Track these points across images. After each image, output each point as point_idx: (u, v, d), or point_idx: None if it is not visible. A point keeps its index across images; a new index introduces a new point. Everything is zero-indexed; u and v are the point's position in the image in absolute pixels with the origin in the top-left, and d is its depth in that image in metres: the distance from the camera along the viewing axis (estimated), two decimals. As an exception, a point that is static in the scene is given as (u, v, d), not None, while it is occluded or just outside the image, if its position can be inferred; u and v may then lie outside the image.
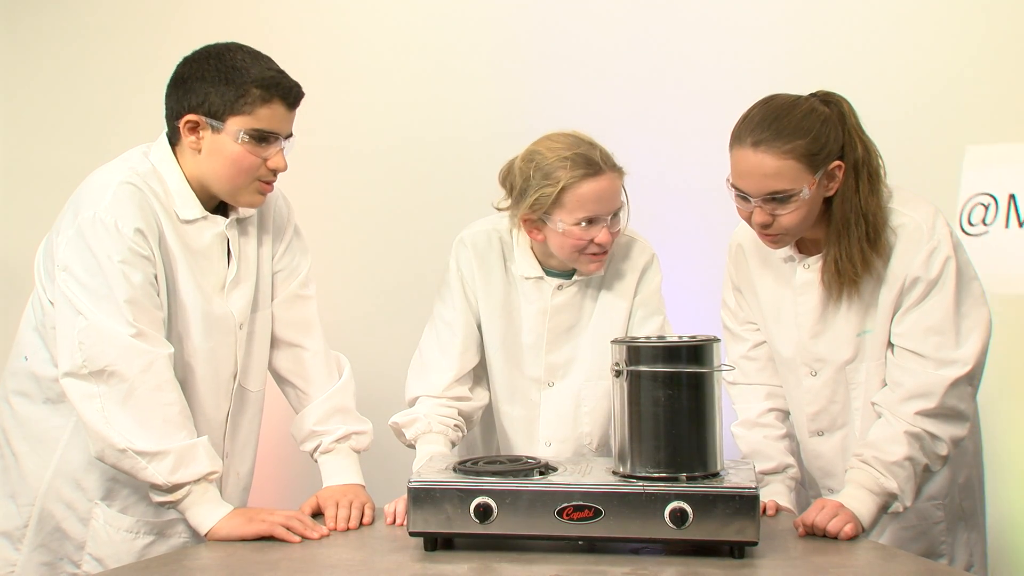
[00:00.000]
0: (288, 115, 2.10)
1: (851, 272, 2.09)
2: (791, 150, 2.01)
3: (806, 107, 2.05)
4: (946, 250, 2.07)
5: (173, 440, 1.96)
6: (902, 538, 2.22)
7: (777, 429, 2.29)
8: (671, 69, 3.31)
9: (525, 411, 2.37)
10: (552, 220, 2.21)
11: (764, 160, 2.02)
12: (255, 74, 2.04)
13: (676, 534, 1.80)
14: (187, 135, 2.07)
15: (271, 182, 2.13)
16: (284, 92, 2.07)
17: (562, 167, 2.18)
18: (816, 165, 2.03)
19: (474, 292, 2.35)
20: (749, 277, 2.30)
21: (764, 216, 2.06)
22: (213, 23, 3.49)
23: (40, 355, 2.11)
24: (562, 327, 2.34)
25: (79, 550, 2.12)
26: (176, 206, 2.08)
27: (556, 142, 2.22)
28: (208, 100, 2.04)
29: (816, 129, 2.03)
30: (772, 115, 2.04)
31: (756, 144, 2.02)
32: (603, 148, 2.23)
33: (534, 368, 2.36)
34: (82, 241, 1.99)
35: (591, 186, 2.19)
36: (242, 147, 2.05)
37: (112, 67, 3.52)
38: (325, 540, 2.00)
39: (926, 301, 2.08)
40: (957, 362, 2.06)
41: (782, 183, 2.02)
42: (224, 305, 2.14)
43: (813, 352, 2.20)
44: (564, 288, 2.33)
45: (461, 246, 2.37)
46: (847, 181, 2.07)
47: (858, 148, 2.07)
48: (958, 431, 2.08)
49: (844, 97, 2.11)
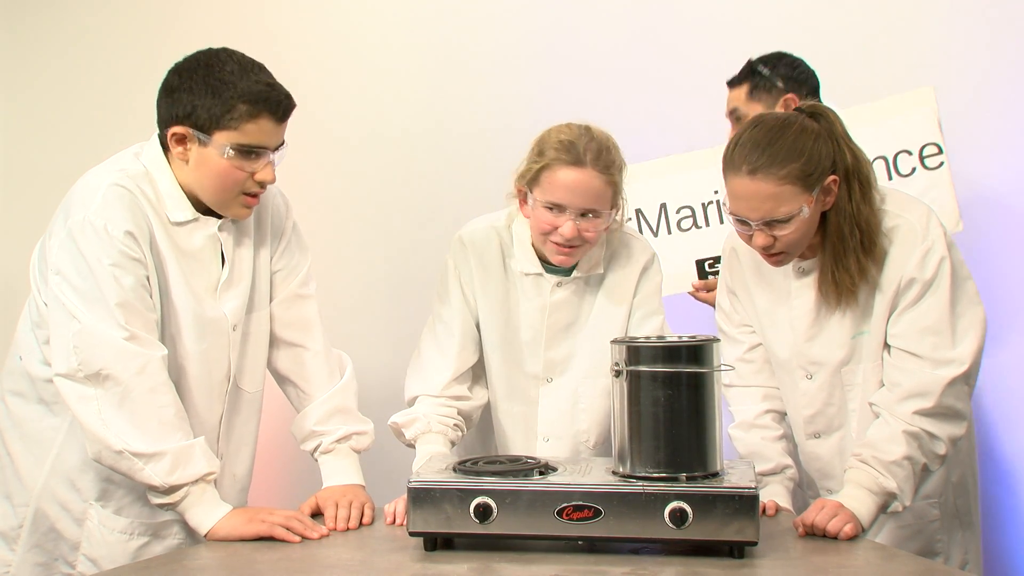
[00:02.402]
0: (277, 128, 2.07)
1: (848, 283, 2.10)
2: (787, 175, 2.01)
3: (796, 127, 2.05)
4: (940, 250, 2.08)
5: (169, 441, 1.96)
6: (899, 537, 2.23)
7: (774, 430, 2.29)
8: (674, 66, 3.32)
9: (524, 408, 2.37)
10: (531, 196, 2.23)
11: (761, 187, 2.02)
12: (243, 88, 2.01)
13: (676, 534, 1.80)
14: (175, 146, 2.06)
15: (257, 195, 2.11)
16: (272, 107, 2.04)
17: (553, 148, 2.20)
18: (812, 184, 2.03)
19: (472, 290, 2.35)
20: (744, 280, 2.30)
21: (765, 239, 2.07)
22: (214, 22, 3.49)
23: (34, 355, 2.11)
24: (561, 324, 2.34)
25: (74, 551, 2.11)
26: (167, 208, 2.07)
27: (568, 127, 2.25)
28: (195, 113, 2.01)
29: (810, 149, 2.03)
30: (765, 140, 2.03)
31: (752, 172, 2.02)
32: (607, 149, 2.22)
33: (533, 364, 2.36)
34: (73, 244, 1.98)
35: (566, 174, 2.19)
36: (228, 161, 2.03)
37: (112, 68, 3.53)
38: (325, 540, 2.00)
39: (922, 302, 2.09)
40: (954, 362, 2.06)
41: (782, 208, 2.03)
42: (217, 307, 2.13)
43: (808, 355, 2.21)
44: (563, 285, 2.33)
45: (459, 244, 2.37)
46: (840, 191, 2.08)
47: (848, 158, 2.08)
48: (956, 430, 2.08)
49: (829, 108, 2.12)
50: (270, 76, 2.07)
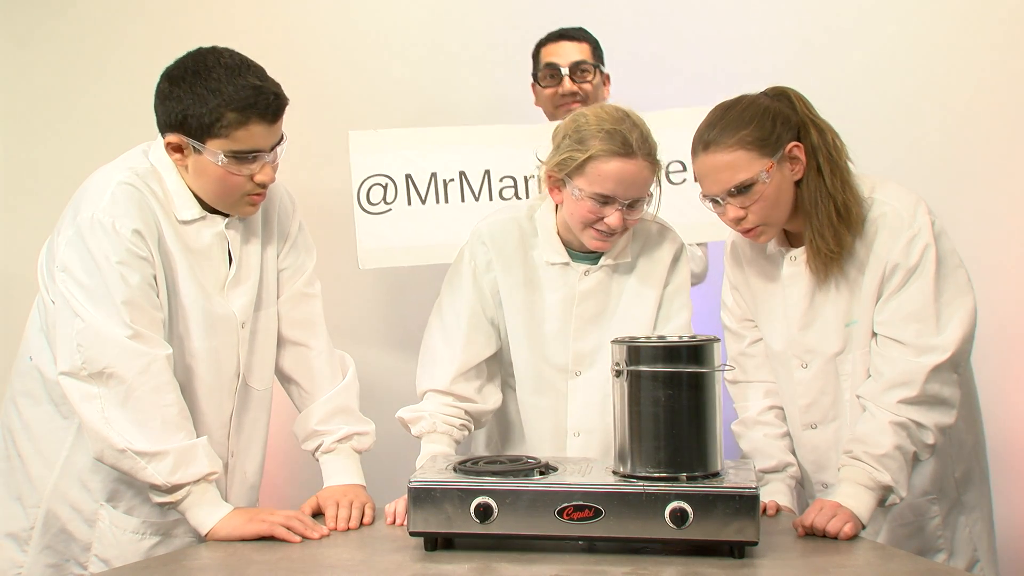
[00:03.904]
0: (269, 130, 2.05)
1: (826, 248, 2.12)
2: (737, 141, 2.07)
3: (746, 101, 2.13)
4: (926, 237, 2.09)
5: (172, 441, 1.97)
6: (898, 535, 2.22)
7: (777, 427, 2.30)
8: (675, 61, 3.32)
9: (552, 401, 2.32)
10: (571, 185, 2.19)
11: (715, 157, 2.09)
12: (229, 94, 1.98)
13: (676, 534, 1.80)
14: (172, 153, 2.06)
15: (261, 193, 2.11)
16: (260, 111, 2.01)
17: (597, 137, 2.16)
18: (768, 149, 2.08)
19: (491, 283, 2.31)
20: (743, 275, 2.32)
21: (736, 211, 2.11)
22: (215, 22, 3.49)
23: (45, 356, 2.12)
24: (589, 314, 2.30)
25: (85, 551, 2.12)
26: (175, 207, 2.08)
27: (605, 112, 2.20)
28: (186, 122, 2.01)
29: (759, 117, 2.09)
30: (716, 116, 2.12)
31: (706, 146, 2.10)
32: (648, 134, 2.20)
33: (560, 357, 2.31)
34: (81, 242, 1.99)
35: (616, 165, 2.16)
36: (224, 168, 2.03)
37: (112, 67, 3.53)
38: (325, 540, 2.00)
39: (905, 288, 2.10)
40: (937, 348, 2.07)
41: (739, 175, 2.08)
42: (225, 304, 2.14)
43: (803, 344, 2.21)
44: (590, 274, 2.29)
45: (476, 237, 2.33)
46: (809, 164, 2.11)
47: (812, 133, 2.12)
48: (944, 418, 2.09)
49: (791, 88, 2.17)
50: (260, 75, 2.04)
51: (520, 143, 2.84)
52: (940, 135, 3.27)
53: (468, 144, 2.93)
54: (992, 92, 3.22)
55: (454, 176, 2.92)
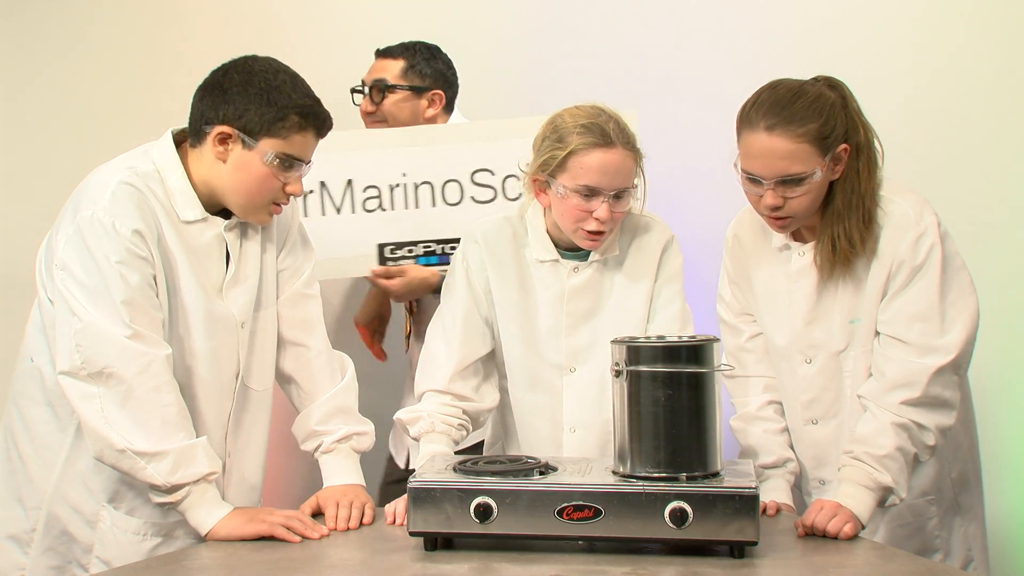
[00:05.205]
0: (314, 144, 2.12)
1: (846, 251, 2.11)
2: (804, 133, 2.04)
3: (815, 92, 2.09)
4: (932, 237, 2.09)
5: (172, 441, 1.96)
6: (897, 535, 2.22)
7: (777, 423, 2.29)
8: (677, 59, 3.32)
9: (548, 398, 2.34)
10: (556, 184, 2.21)
11: (778, 143, 2.05)
12: (296, 100, 2.05)
13: (676, 534, 1.80)
14: (215, 145, 2.06)
15: (282, 205, 2.14)
16: (319, 123, 2.09)
17: (575, 132, 2.18)
18: (826, 148, 2.06)
19: (484, 283, 2.34)
20: (745, 269, 2.31)
21: (775, 199, 2.09)
22: (215, 21, 3.49)
23: (45, 356, 2.11)
24: (581, 310, 2.31)
25: (87, 553, 2.11)
26: (177, 207, 2.08)
27: (580, 110, 2.23)
28: (246, 116, 2.03)
29: (827, 113, 2.07)
30: (784, 99, 2.08)
31: (770, 128, 2.05)
32: (625, 125, 2.22)
33: (554, 354, 2.33)
34: (80, 241, 1.99)
35: (598, 156, 2.17)
36: (268, 168, 2.05)
37: (112, 67, 3.52)
38: (325, 540, 2.00)
39: (910, 287, 2.10)
40: (940, 350, 2.07)
41: (796, 166, 2.05)
42: (224, 305, 2.14)
43: (807, 339, 2.21)
44: (580, 270, 2.31)
45: (469, 238, 2.37)
46: (850, 163, 2.11)
47: (860, 131, 2.11)
48: (944, 420, 2.08)
49: (843, 81, 2.15)
50: (313, 91, 2.10)
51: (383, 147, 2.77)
52: (940, 135, 3.26)
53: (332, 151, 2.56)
54: (992, 92, 3.21)
55: (313, 187, 2.75)
